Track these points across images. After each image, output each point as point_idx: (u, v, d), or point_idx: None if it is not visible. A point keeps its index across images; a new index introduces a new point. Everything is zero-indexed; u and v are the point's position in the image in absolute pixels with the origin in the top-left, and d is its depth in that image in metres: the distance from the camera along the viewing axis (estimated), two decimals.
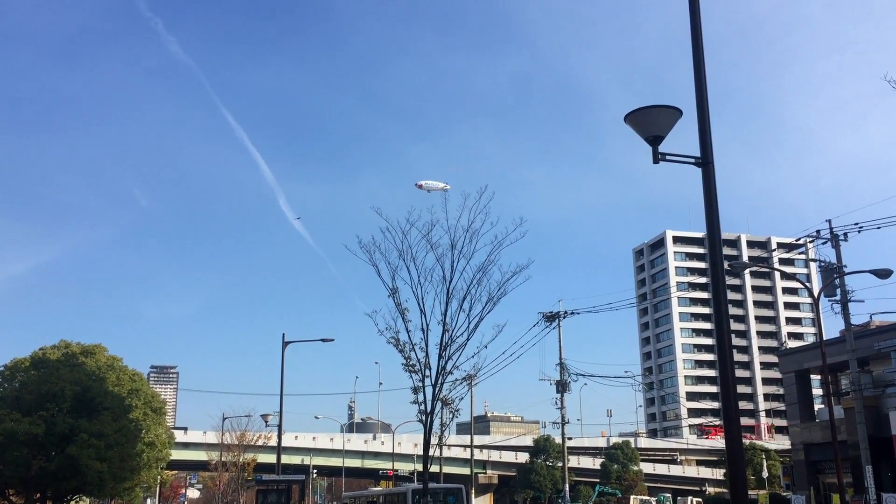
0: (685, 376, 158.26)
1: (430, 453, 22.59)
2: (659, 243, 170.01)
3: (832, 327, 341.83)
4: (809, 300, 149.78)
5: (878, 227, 32.30)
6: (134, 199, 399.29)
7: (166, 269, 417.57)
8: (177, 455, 74.27)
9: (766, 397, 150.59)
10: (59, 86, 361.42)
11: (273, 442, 67.81)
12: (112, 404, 44.93)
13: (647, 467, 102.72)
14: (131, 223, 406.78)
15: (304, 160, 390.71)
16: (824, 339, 35.73)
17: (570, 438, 63.11)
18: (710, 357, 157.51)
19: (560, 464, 77.00)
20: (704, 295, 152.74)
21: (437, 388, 21.84)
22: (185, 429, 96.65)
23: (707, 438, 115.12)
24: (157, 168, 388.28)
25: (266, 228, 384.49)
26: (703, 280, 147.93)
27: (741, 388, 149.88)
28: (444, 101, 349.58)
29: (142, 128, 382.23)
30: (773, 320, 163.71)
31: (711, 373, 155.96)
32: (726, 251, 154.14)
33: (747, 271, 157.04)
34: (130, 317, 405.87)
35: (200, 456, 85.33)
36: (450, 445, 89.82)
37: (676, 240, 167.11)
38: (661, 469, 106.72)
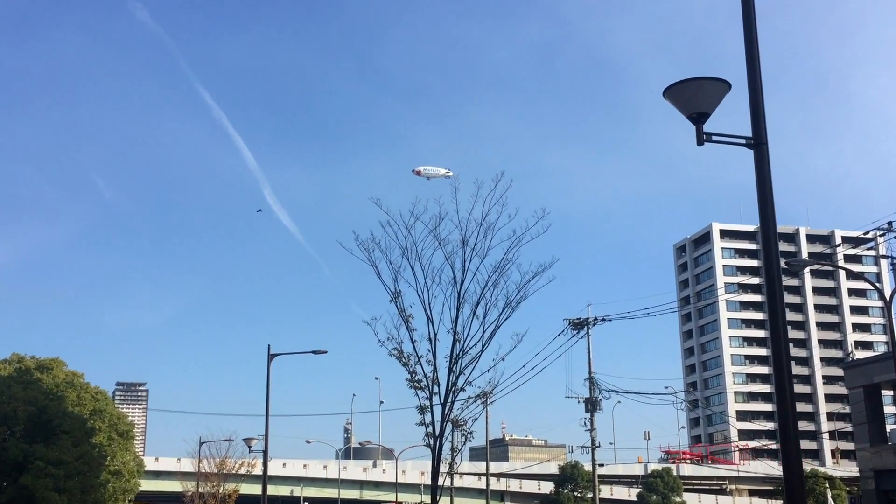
0: (735, 393, 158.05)
1: (440, 483, 22.58)
2: (704, 238, 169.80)
3: None
4: (880, 303, 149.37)
5: None
6: (97, 191, 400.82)
7: (134, 272, 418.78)
8: (147, 485, 74.58)
9: (830, 417, 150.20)
10: (6, 59, 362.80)
11: (258, 470, 67.93)
12: (72, 427, 45.18)
13: (691, 498, 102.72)
14: (94, 218, 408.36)
15: (291, 144, 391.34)
16: None
17: (601, 465, 63.08)
18: (764, 370, 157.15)
19: (590, 495, 76.97)
20: (758, 298, 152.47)
21: (447, 408, 21.93)
22: (157, 456, 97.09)
23: (674, 463, 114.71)
24: (122, 155, 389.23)
25: (249, 224, 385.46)
26: (755, 280, 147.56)
27: (801, 406, 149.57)
28: (454, 76, 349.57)
29: (105, 108, 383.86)
30: (838, 327, 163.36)
31: (766, 388, 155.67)
32: (783, 247, 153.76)
33: (807, 270, 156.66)
34: (93, 327, 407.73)
35: (174, 486, 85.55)
36: (462, 474, 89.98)
37: (724, 234, 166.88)
38: (708, 500, 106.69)
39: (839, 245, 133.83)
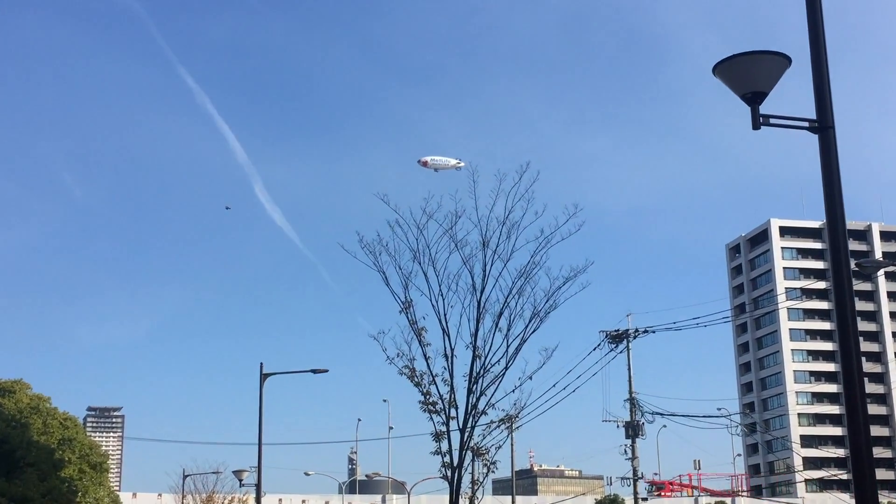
0: (799, 415, 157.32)
1: None
2: (761, 236, 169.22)
3: None
4: None
5: None
6: (65, 189, 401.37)
7: (108, 280, 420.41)
8: None
9: None
10: None
11: None
12: (38, 459, 45.38)
13: None
14: (62, 220, 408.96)
15: (285, 134, 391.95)
16: None
17: (644, 500, 62.87)
18: (832, 388, 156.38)
19: None
20: (824, 305, 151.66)
21: (467, 434, 22.05)
22: (134, 491, 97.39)
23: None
24: (93, 147, 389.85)
25: (239, 225, 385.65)
26: (821, 285, 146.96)
27: (875, 430, 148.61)
28: (472, 54, 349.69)
29: (74, 94, 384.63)
30: None
31: (835, 409, 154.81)
32: (853, 245, 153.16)
33: (882, 273, 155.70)
34: (61, 343, 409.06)
35: None
36: None
37: (785, 231, 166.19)
38: None
39: None
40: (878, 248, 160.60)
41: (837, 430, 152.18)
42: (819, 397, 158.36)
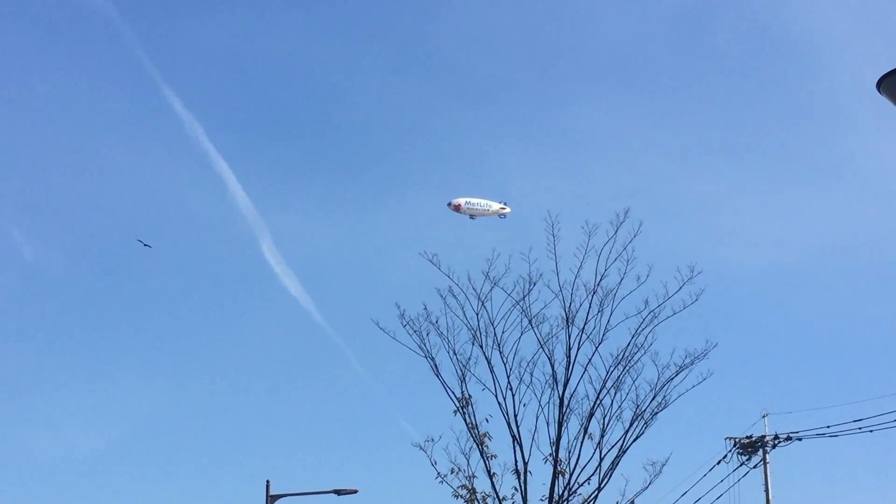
0: None
1: None
2: None
3: None
4: None
5: None
6: (12, 246, 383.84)
7: (67, 371, 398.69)
8: None
9: None
10: None
11: None
12: None
13: None
14: (5, 289, 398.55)
15: (300, 174, 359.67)
16: None
17: None
18: None
19: None
20: None
21: None
22: None
23: None
24: (49, 192, 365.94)
25: (240, 295, 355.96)
26: None
27: None
28: (550, 66, 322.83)
29: (21, 120, 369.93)
30: None
31: None
32: None
33: None
34: (7, 455, 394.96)
35: None
36: None
37: None
38: None
39: None
40: None
41: None
42: None
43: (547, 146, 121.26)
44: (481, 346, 20.28)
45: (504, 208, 64.59)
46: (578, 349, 20.05)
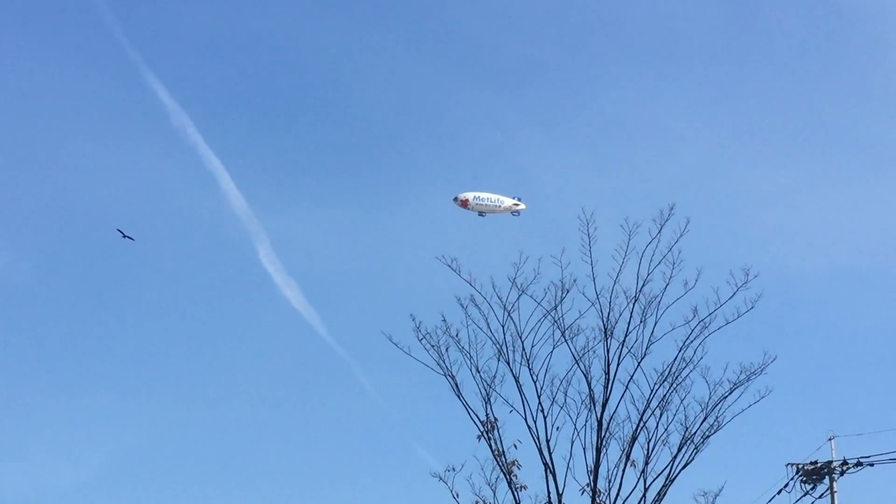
0: None
1: None
2: None
3: None
4: None
5: None
6: None
7: (40, 394, 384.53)
8: None
9: None
10: None
11: None
12: None
13: None
14: None
15: (300, 170, 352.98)
16: None
17: None
18: None
19: None
20: None
21: None
22: None
23: None
24: (22, 190, 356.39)
25: (234, 306, 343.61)
26: None
27: None
28: (584, 45, 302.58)
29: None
30: None
31: None
32: None
33: None
34: None
35: None
36: None
37: None
38: None
39: None
40: None
41: None
42: None
43: (579, 135, 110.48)
44: (508, 362, 19.46)
45: (518, 204, 60.70)
46: (618, 364, 19.28)
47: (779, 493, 36.00)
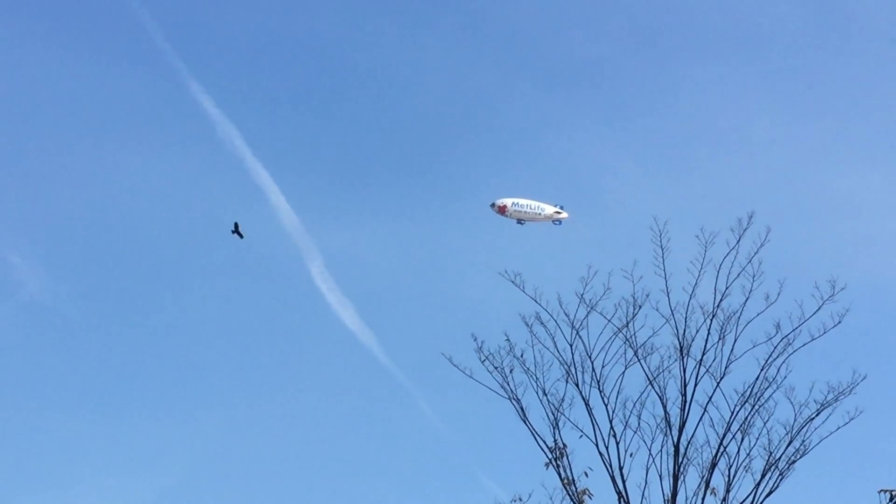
0: None
1: None
2: None
3: None
4: None
5: None
6: (12, 276, 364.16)
7: (78, 426, 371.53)
8: None
9: None
10: None
11: None
12: None
13: None
14: (6, 328, 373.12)
15: (351, 181, 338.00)
16: None
17: None
18: None
19: None
20: None
21: None
22: None
23: None
24: (55, 209, 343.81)
25: (288, 329, 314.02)
26: None
27: None
28: (652, 42, 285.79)
29: (21, 118, 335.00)
30: None
31: None
32: None
33: None
34: None
35: None
36: None
37: None
38: None
39: None
40: None
41: None
42: None
43: (649, 139, 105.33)
44: (577, 384, 19.04)
45: (559, 212, 59.75)
46: (696, 385, 18.90)
47: None
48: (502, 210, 59.20)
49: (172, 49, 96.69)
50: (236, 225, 57.39)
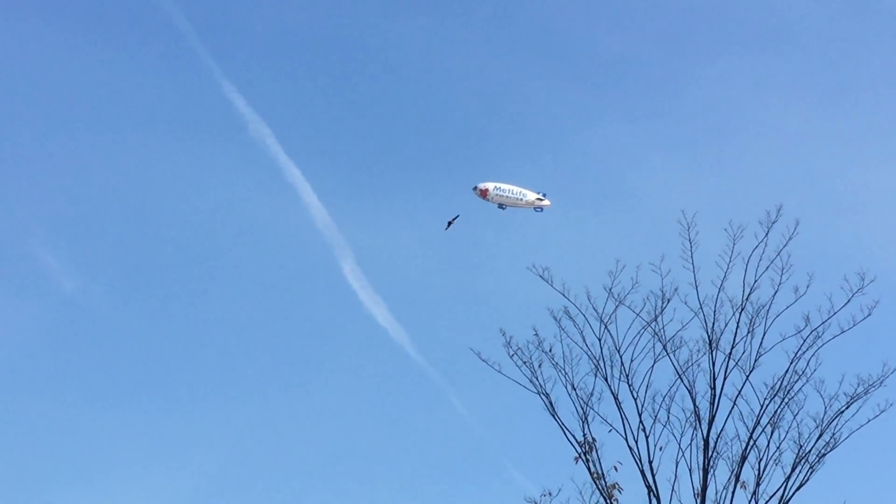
0: None
1: None
2: None
3: None
4: None
5: None
6: (48, 276, 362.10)
7: (106, 424, 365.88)
8: None
9: None
10: None
11: None
12: None
13: None
14: (42, 328, 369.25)
15: (383, 178, 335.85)
16: None
17: None
18: None
19: None
20: None
21: None
22: None
23: None
24: (88, 212, 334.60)
25: (320, 326, 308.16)
26: None
27: None
28: (681, 38, 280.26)
29: (45, 115, 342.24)
30: None
31: None
32: None
33: None
34: None
35: None
36: None
37: None
38: None
39: None
40: None
41: None
42: None
43: (677, 132, 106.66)
44: (606, 378, 19.17)
45: (541, 200, 59.56)
46: (725, 379, 19.03)
47: None
48: (483, 194, 59.00)
49: (205, 48, 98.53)
50: (454, 219, 60.16)
